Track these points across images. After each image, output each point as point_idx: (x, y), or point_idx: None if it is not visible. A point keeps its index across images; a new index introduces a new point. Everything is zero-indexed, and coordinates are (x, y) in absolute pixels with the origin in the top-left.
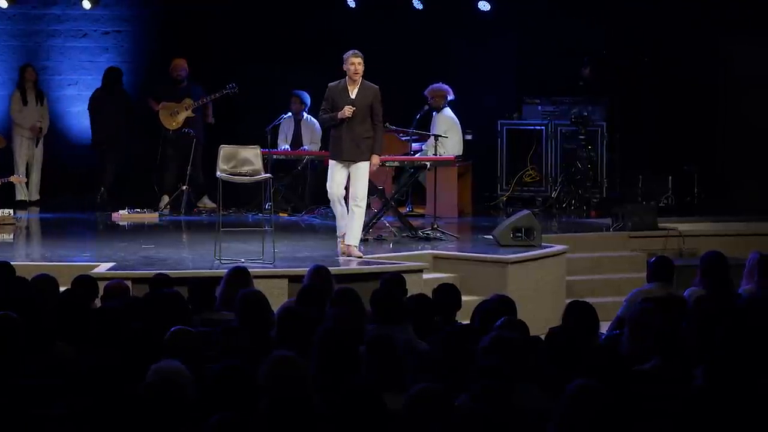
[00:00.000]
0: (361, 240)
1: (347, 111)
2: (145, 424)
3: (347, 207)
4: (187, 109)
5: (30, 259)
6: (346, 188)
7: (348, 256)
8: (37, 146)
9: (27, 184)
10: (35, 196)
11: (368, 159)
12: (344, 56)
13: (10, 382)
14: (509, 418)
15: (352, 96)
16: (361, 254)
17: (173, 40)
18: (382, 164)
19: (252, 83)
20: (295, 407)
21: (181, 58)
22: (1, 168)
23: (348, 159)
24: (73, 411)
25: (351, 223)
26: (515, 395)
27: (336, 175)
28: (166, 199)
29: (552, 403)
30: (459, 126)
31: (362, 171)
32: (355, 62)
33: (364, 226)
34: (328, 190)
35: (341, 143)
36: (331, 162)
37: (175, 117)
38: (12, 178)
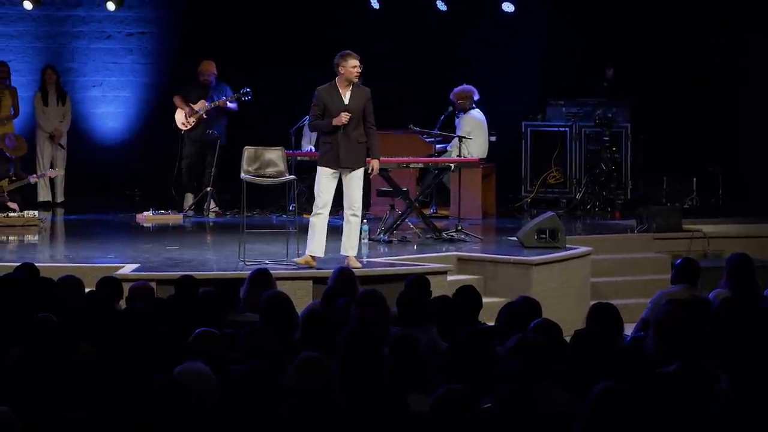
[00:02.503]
0: (386, 241)
1: (343, 118)
2: (168, 426)
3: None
4: (199, 111)
5: (54, 260)
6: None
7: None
8: (61, 148)
9: (52, 185)
10: (60, 198)
11: (363, 165)
12: (339, 58)
13: (35, 383)
14: (534, 421)
15: (346, 100)
16: (360, 264)
17: (197, 41)
18: (406, 165)
19: (275, 84)
20: (320, 409)
21: (209, 61)
22: (26, 168)
23: (345, 166)
24: (95, 412)
25: (349, 233)
26: (540, 397)
27: (329, 183)
28: (190, 198)
29: (577, 406)
30: (485, 127)
31: (358, 178)
32: (356, 65)
33: (388, 227)
34: (322, 198)
35: (337, 150)
36: (322, 169)
37: (187, 118)
38: (49, 173)
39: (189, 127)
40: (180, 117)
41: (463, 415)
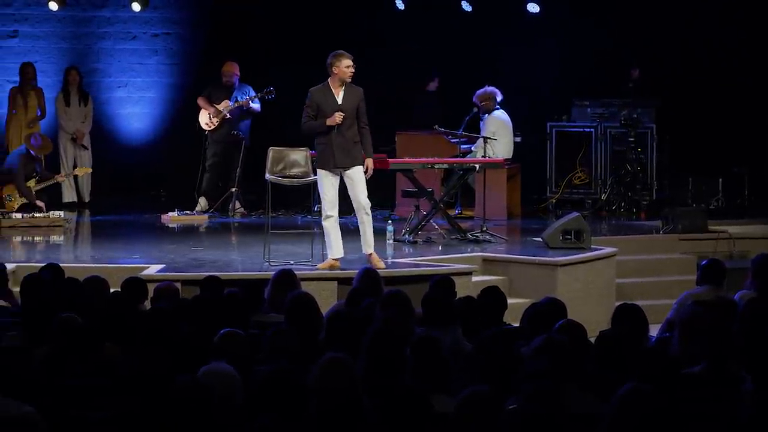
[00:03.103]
0: (411, 242)
1: (337, 118)
2: (193, 426)
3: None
4: (223, 111)
5: (80, 260)
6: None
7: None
8: (84, 148)
9: (77, 186)
10: (87, 198)
11: (361, 164)
12: (332, 58)
13: (60, 383)
14: (559, 422)
15: (339, 100)
16: (383, 263)
17: (222, 41)
18: (431, 166)
19: (299, 84)
20: (345, 409)
21: (232, 62)
22: (50, 169)
23: (341, 166)
24: (120, 412)
25: (365, 231)
26: (564, 398)
27: (330, 184)
28: (202, 202)
29: (601, 407)
30: (510, 127)
31: (358, 176)
32: (350, 65)
33: (413, 228)
34: (327, 200)
35: (331, 150)
36: (321, 171)
37: (211, 119)
38: (77, 171)
39: (213, 127)
40: (204, 118)
41: (488, 417)
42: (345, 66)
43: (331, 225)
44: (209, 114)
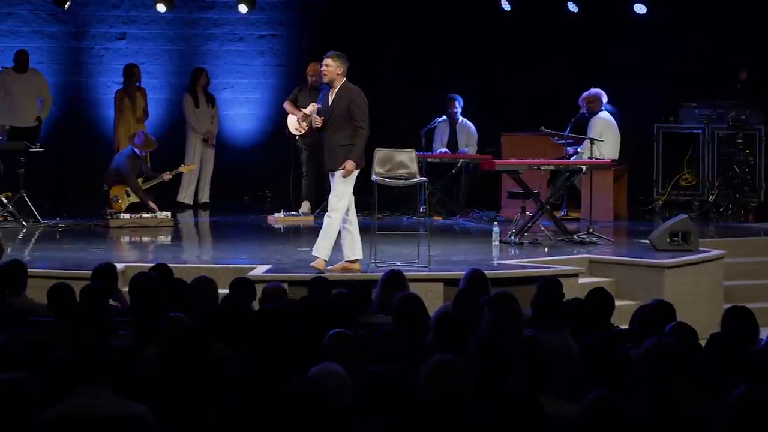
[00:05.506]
0: (516, 243)
1: (318, 121)
2: (306, 426)
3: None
4: (310, 114)
5: (187, 261)
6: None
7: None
8: (212, 147)
9: (197, 186)
10: (206, 198)
11: (340, 168)
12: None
13: (172, 382)
14: (677, 425)
15: (330, 100)
16: (319, 267)
17: (327, 42)
18: (537, 167)
19: (404, 85)
20: (454, 411)
21: (317, 62)
22: (170, 166)
23: (327, 168)
24: (231, 412)
25: (320, 232)
26: (678, 401)
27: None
28: (305, 206)
29: (714, 410)
30: (616, 129)
31: (336, 181)
32: (312, 69)
33: (519, 229)
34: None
35: (322, 152)
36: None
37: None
38: (182, 168)
39: (303, 132)
40: (292, 122)
41: (614, 421)
42: (309, 71)
43: (348, 227)
44: (297, 118)
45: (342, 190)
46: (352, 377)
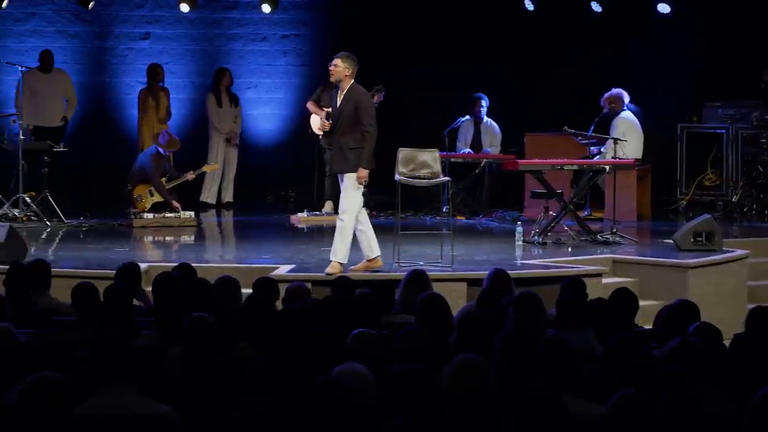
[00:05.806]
0: (540, 243)
1: (325, 125)
2: (331, 426)
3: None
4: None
5: (210, 260)
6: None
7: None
8: (236, 147)
9: (220, 186)
10: (229, 198)
11: (351, 171)
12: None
13: (195, 382)
14: (701, 425)
15: (338, 103)
16: (335, 271)
17: (351, 43)
18: (560, 167)
19: (427, 85)
20: (479, 411)
21: None
22: (193, 166)
23: (335, 171)
24: (255, 412)
25: (334, 236)
26: (703, 401)
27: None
28: (328, 206)
29: (738, 410)
30: (639, 128)
31: (345, 183)
32: (330, 65)
33: (542, 229)
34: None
35: (332, 155)
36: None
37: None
38: (205, 168)
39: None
40: (315, 122)
41: (640, 421)
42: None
43: (360, 226)
44: (321, 118)
45: (352, 193)
46: (376, 377)
